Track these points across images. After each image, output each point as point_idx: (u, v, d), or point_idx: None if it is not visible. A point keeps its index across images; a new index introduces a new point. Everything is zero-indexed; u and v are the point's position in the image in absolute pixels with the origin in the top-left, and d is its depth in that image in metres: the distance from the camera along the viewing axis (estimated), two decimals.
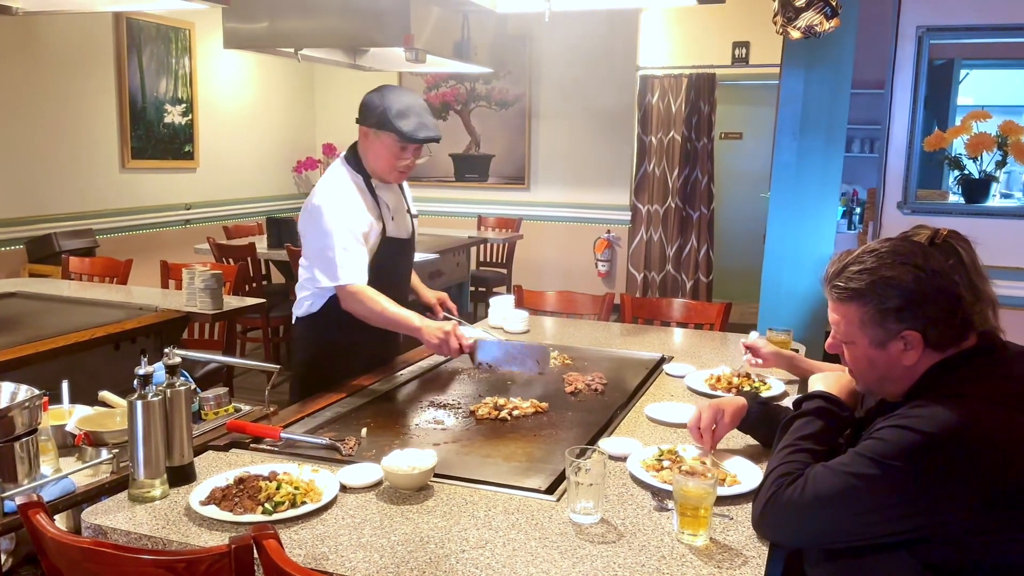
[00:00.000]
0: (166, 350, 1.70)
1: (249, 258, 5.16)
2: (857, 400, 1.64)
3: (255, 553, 1.23)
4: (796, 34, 3.40)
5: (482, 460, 1.83)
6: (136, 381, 1.57)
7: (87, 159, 5.62)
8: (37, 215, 5.26)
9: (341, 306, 2.37)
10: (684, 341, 3.00)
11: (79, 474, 1.69)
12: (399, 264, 2.58)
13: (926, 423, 1.29)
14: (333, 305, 2.41)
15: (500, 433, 1.99)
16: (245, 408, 2.08)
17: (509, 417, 2.08)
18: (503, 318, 3.05)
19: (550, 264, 7.35)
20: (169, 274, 4.38)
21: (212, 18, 6.20)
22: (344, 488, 1.63)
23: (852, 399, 1.62)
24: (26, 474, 1.61)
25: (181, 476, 1.64)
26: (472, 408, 2.14)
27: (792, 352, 2.34)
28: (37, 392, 1.66)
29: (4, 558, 1.96)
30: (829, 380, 1.65)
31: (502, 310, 3.08)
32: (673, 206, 7.10)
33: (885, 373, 1.42)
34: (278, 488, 1.56)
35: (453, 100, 7.54)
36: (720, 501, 1.53)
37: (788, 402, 2.17)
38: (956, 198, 4.41)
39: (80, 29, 5.46)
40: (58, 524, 1.36)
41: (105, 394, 2.00)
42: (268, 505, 1.52)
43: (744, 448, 1.87)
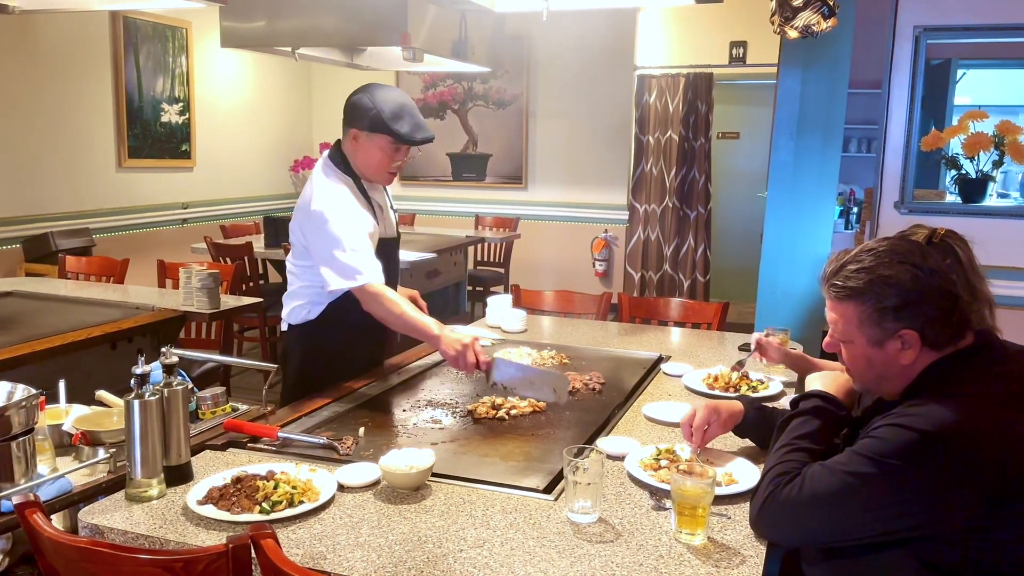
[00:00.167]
0: (163, 349, 1.70)
1: (246, 257, 5.15)
2: (854, 399, 1.64)
3: (253, 553, 1.23)
4: (793, 34, 3.40)
5: (480, 459, 1.83)
6: (133, 380, 1.57)
7: (84, 158, 5.62)
8: (33, 214, 5.25)
9: (365, 308, 2.26)
10: (682, 341, 3.00)
11: (76, 473, 1.69)
12: (391, 264, 2.57)
13: (923, 422, 1.29)
14: (331, 311, 2.36)
15: (498, 432, 1.99)
16: (242, 407, 2.08)
17: (507, 416, 2.08)
18: (500, 317, 3.05)
19: (547, 264, 7.35)
20: (166, 273, 4.38)
21: (209, 17, 6.19)
22: (342, 487, 1.62)
23: (849, 398, 1.62)
24: (23, 473, 1.61)
25: (178, 475, 1.63)
26: (470, 407, 2.14)
27: (798, 352, 2.34)
28: (34, 391, 1.66)
29: (1, 558, 1.96)
30: (826, 379, 1.66)
31: (499, 309, 3.08)
32: (670, 206, 7.10)
33: (883, 372, 1.42)
34: (276, 488, 1.56)
35: (450, 99, 7.55)
36: (718, 500, 1.53)
37: (785, 401, 2.18)
38: (953, 198, 4.41)
39: (77, 28, 5.45)
40: (55, 524, 1.36)
41: (102, 393, 2.00)
42: (265, 505, 1.51)
43: (741, 449, 1.87)
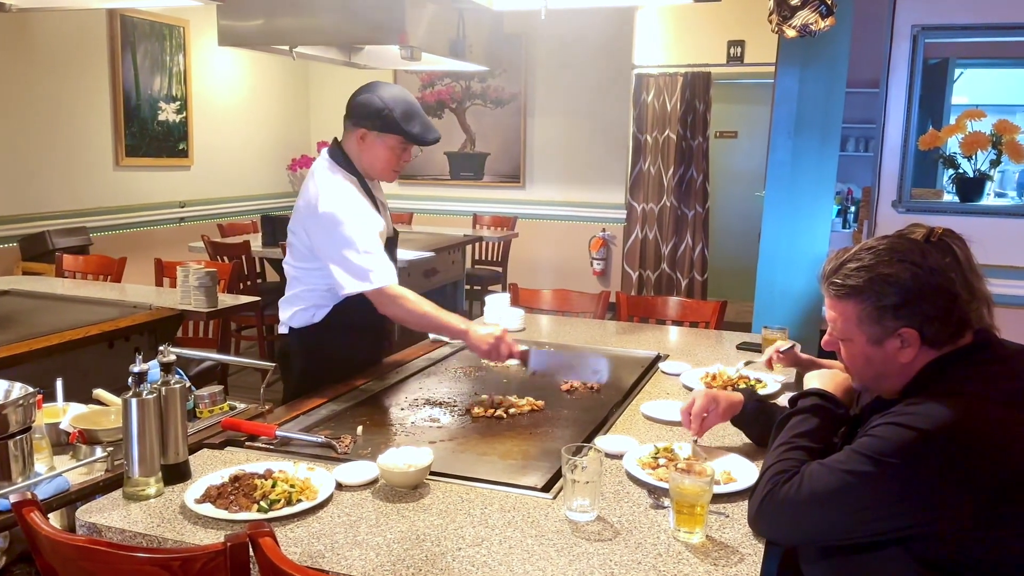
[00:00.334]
0: (161, 348, 1.69)
1: (243, 256, 5.14)
2: (853, 397, 1.64)
3: (251, 551, 1.23)
4: (791, 33, 3.40)
5: (478, 458, 1.82)
6: (131, 379, 1.57)
7: (81, 157, 5.60)
8: (31, 213, 5.24)
9: (379, 310, 2.26)
10: (679, 339, 3.00)
11: (73, 472, 1.69)
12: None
13: (922, 420, 1.29)
14: (335, 314, 2.34)
15: (496, 431, 1.99)
16: (240, 406, 2.08)
17: (505, 415, 2.08)
18: (499, 316, 3.05)
19: (545, 262, 7.35)
20: (163, 272, 4.37)
21: (207, 15, 6.19)
22: (340, 486, 1.62)
23: (848, 396, 1.62)
24: (20, 472, 1.61)
25: (176, 474, 1.63)
26: (468, 406, 2.14)
27: (808, 357, 2.33)
28: (31, 390, 1.65)
29: None
30: (825, 377, 1.66)
31: (498, 308, 3.08)
32: (668, 205, 7.10)
33: (882, 370, 1.42)
34: (274, 486, 1.56)
35: (448, 98, 7.54)
36: (716, 499, 1.53)
37: (783, 400, 2.18)
38: (950, 197, 4.41)
39: (74, 26, 5.44)
40: (52, 522, 1.36)
41: (99, 392, 1.99)
42: (264, 503, 1.51)
43: (739, 446, 1.87)
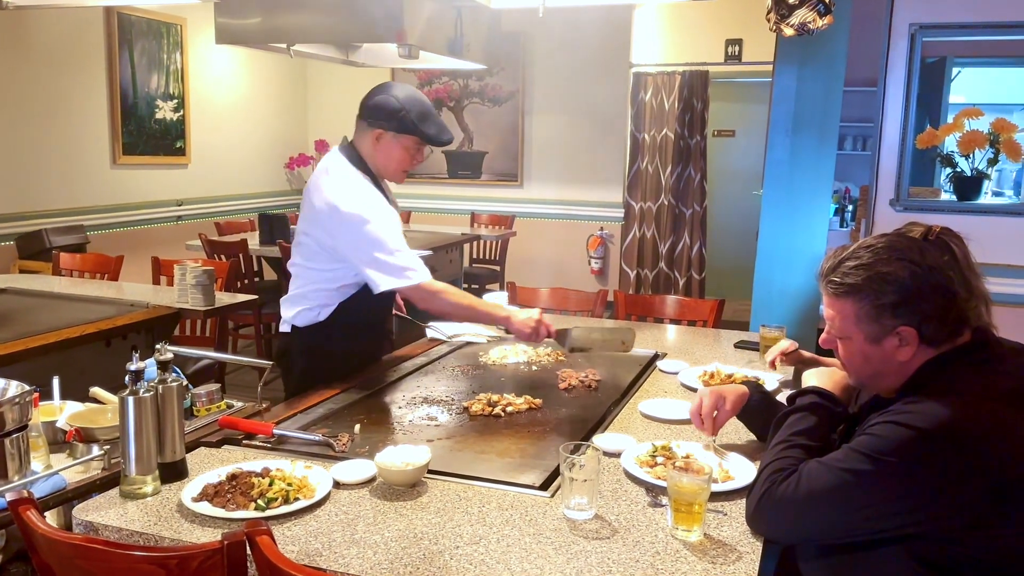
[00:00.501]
0: (158, 346, 1.69)
1: (241, 254, 5.14)
2: (851, 396, 1.64)
3: (248, 549, 1.23)
4: (789, 31, 3.41)
5: (476, 456, 1.82)
6: (127, 377, 1.56)
7: (78, 155, 5.59)
8: (27, 211, 5.23)
9: (416, 305, 2.32)
10: (677, 338, 3.00)
11: (70, 470, 1.68)
12: None
13: (920, 419, 1.29)
14: (338, 313, 2.36)
15: (494, 429, 1.99)
16: (237, 404, 2.07)
17: (503, 413, 2.08)
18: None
19: (543, 261, 7.34)
20: (160, 270, 4.36)
21: (204, 13, 6.18)
22: (337, 484, 1.62)
23: (846, 395, 1.62)
24: (16, 470, 1.60)
25: (173, 472, 1.63)
26: (465, 404, 2.13)
27: (811, 355, 2.34)
28: (27, 388, 1.65)
29: None
30: (823, 375, 1.66)
31: None
32: (666, 203, 7.10)
33: (880, 369, 1.42)
34: (271, 484, 1.56)
35: (446, 97, 7.54)
36: (714, 497, 1.53)
37: (781, 398, 2.18)
38: (948, 196, 4.42)
39: (71, 24, 5.43)
40: (49, 521, 1.35)
41: (96, 390, 1.99)
42: (261, 501, 1.51)
43: (744, 444, 1.87)
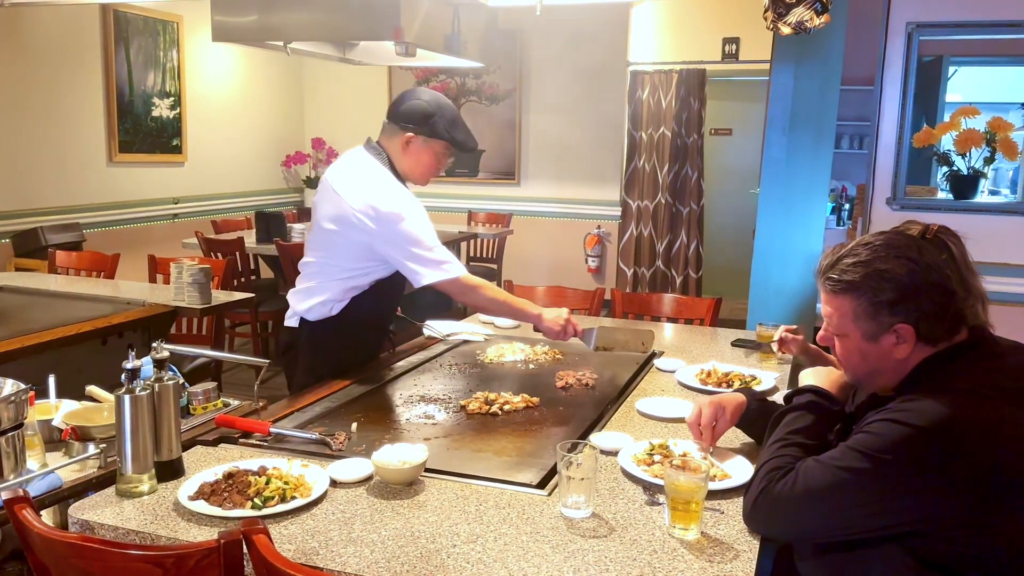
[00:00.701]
0: (154, 344, 1.68)
1: (238, 253, 5.13)
2: (848, 394, 1.64)
3: (244, 548, 1.23)
4: (786, 30, 3.40)
5: (473, 455, 1.82)
6: (124, 375, 1.56)
7: (74, 153, 5.58)
8: (23, 209, 5.21)
9: (452, 297, 2.37)
10: (674, 336, 3.00)
11: (66, 469, 1.68)
12: None
13: (917, 417, 1.29)
14: (352, 308, 2.36)
15: (491, 428, 1.99)
16: (234, 403, 2.07)
17: (500, 412, 2.08)
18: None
19: (540, 259, 7.34)
20: (157, 268, 4.36)
21: (201, 11, 6.15)
22: (334, 483, 1.62)
23: (843, 393, 1.62)
24: (12, 469, 1.60)
25: (169, 471, 1.62)
26: (463, 403, 2.13)
27: (815, 348, 2.35)
28: (23, 386, 1.64)
29: None
30: (820, 374, 1.66)
31: None
32: (663, 202, 7.11)
33: (877, 366, 1.42)
34: (267, 483, 1.55)
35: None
36: (711, 495, 1.53)
37: (779, 397, 2.18)
38: (944, 194, 4.42)
39: (66, 21, 5.41)
40: (45, 520, 1.35)
41: (92, 388, 1.98)
42: (257, 500, 1.51)
43: (741, 446, 1.87)
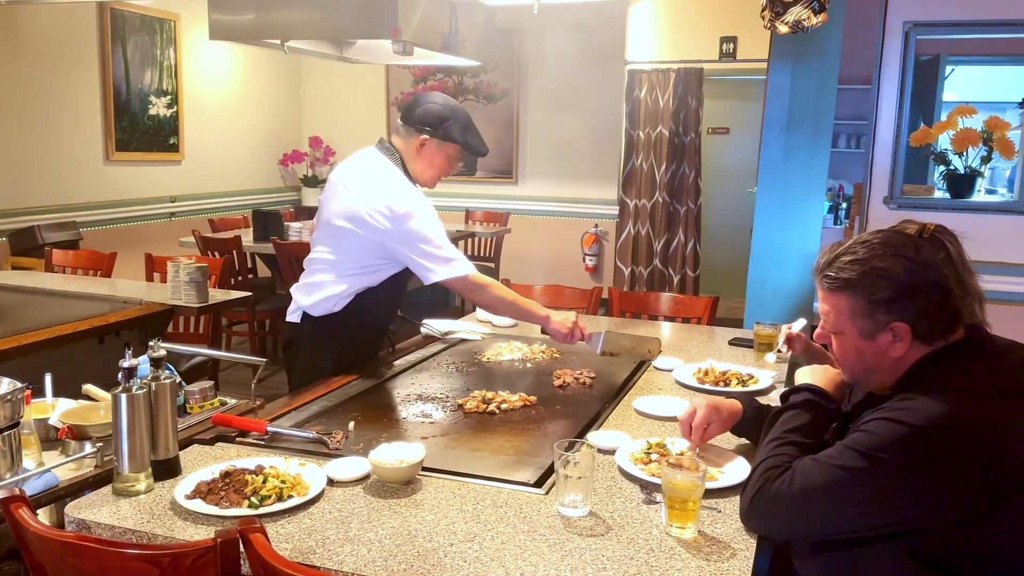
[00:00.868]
0: (151, 343, 1.68)
1: (235, 251, 5.13)
2: (844, 392, 1.64)
3: (241, 547, 1.22)
4: (784, 29, 3.41)
5: (470, 453, 1.82)
6: (120, 374, 1.56)
7: (71, 151, 5.57)
8: (20, 207, 5.20)
9: (461, 295, 2.41)
10: (672, 335, 3.00)
11: (62, 468, 1.68)
12: None
13: (914, 416, 1.29)
14: (355, 305, 2.37)
15: (488, 427, 1.99)
16: (231, 402, 2.07)
17: (497, 411, 2.08)
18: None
19: (538, 258, 7.34)
20: (154, 267, 4.35)
21: (198, 9, 6.14)
22: (331, 482, 1.62)
23: (840, 391, 1.62)
24: (8, 468, 1.60)
25: (166, 470, 1.62)
26: (460, 401, 2.13)
27: (819, 347, 2.35)
28: (20, 385, 1.64)
29: None
30: (816, 373, 1.66)
31: None
32: (660, 201, 7.11)
33: (873, 364, 1.42)
34: (264, 482, 1.55)
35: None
36: (708, 494, 1.53)
37: (775, 395, 2.18)
38: (941, 193, 4.43)
39: (63, 19, 5.40)
40: (41, 519, 1.35)
41: (89, 387, 1.98)
42: (254, 499, 1.50)
43: (736, 447, 1.86)
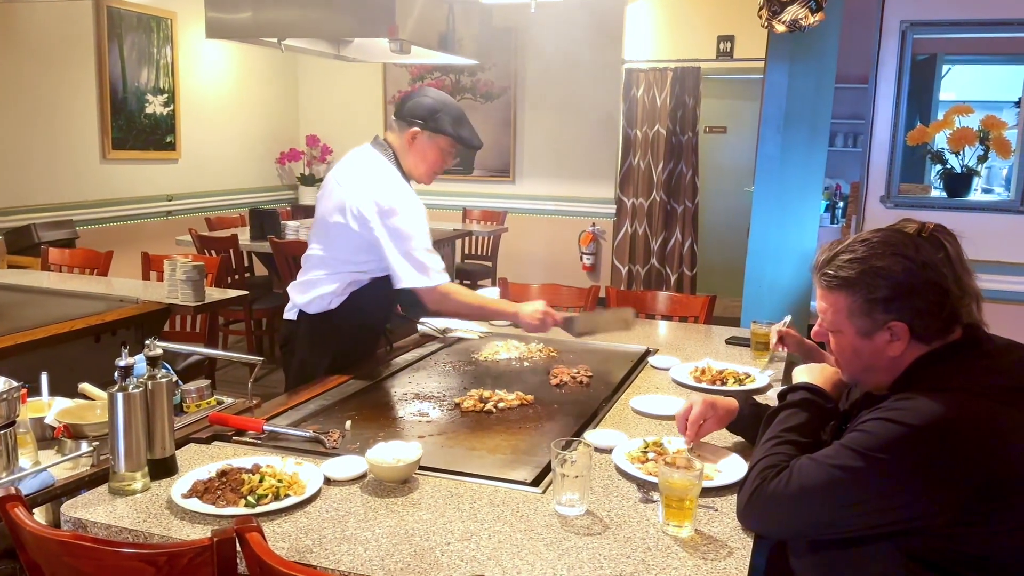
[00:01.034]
0: (147, 342, 1.67)
1: (231, 250, 5.12)
2: (842, 391, 1.64)
3: (238, 546, 1.22)
4: (781, 28, 3.41)
5: (467, 452, 1.82)
6: (117, 373, 1.55)
7: (67, 149, 5.56)
8: (16, 206, 5.19)
9: (426, 306, 2.36)
10: (669, 334, 3.00)
11: (59, 467, 1.67)
12: None
13: (911, 416, 1.29)
14: (351, 303, 2.37)
15: (485, 425, 1.99)
16: (227, 400, 2.06)
17: (494, 409, 2.08)
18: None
19: (535, 257, 7.34)
20: (150, 266, 4.34)
21: (194, 7, 6.13)
22: (328, 481, 1.61)
23: (837, 390, 1.62)
24: (4, 467, 1.59)
25: (163, 469, 1.62)
26: (457, 400, 2.13)
27: (812, 344, 2.35)
28: (15, 384, 1.64)
29: None
30: (814, 371, 1.66)
31: None
32: (658, 200, 7.11)
33: (870, 363, 1.42)
34: (261, 481, 1.55)
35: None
36: (705, 493, 1.53)
37: (772, 393, 2.18)
38: (938, 192, 4.44)
39: (59, 17, 5.39)
40: (37, 518, 1.34)
41: (85, 386, 1.98)
42: (251, 498, 1.50)
43: (732, 444, 1.87)
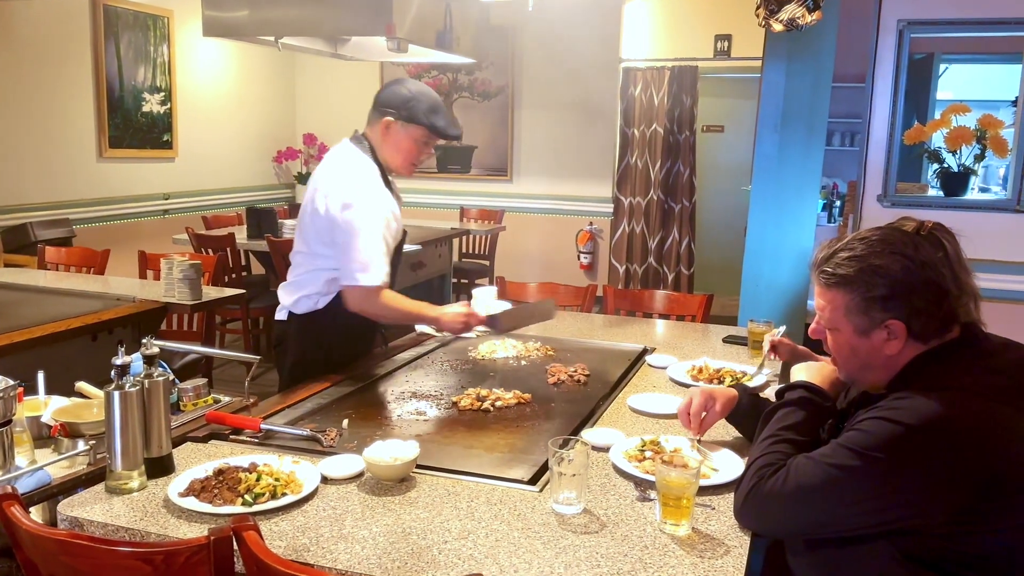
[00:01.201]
0: (144, 340, 1.67)
1: (228, 248, 5.11)
2: (839, 390, 1.64)
3: (235, 545, 1.22)
4: (778, 27, 3.41)
5: (464, 451, 1.82)
6: (113, 371, 1.55)
7: (64, 148, 5.55)
8: (12, 204, 5.18)
9: (347, 306, 2.28)
10: (666, 332, 3.00)
11: (55, 466, 1.67)
12: (397, 261, 2.55)
13: (908, 415, 1.29)
14: (338, 302, 2.33)
15: (482, 424, 1.99)
16: (224, 399, 2.06)
17: (492, 408, 2.08)
18: (486, 309, 3.04)
19: (532, 256, 7.34)
20: (147, 264, 4.34)
21: (191, 5, 6.13)
22: (325, 479, 1.61)
23: (835, 389, 1.62)
24: (0, 466, 1.59)
25: (159, 467, 1.62)
26: (454, 399, 2.13)
27: (805, 349, 2.35)
28: (12, 383, 1.63)
29: None
30: (812, 370, 1.66)
31: (484, 301, 3.06)
32: (655, 198, 7.11)
33: (867, 361, 1.42)
34: (258, 479, 1.55)
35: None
36: (702, 491, 1.53)
37: (771, 392, 2.19)
38: (935, 191, 4.44)
39: (56, 15, 5.38)
40: (34, 516, 1.34)
41: (82, 385, 1.97)
42: (248, 497, 1.50)
43: (731, 441, 1.87)
